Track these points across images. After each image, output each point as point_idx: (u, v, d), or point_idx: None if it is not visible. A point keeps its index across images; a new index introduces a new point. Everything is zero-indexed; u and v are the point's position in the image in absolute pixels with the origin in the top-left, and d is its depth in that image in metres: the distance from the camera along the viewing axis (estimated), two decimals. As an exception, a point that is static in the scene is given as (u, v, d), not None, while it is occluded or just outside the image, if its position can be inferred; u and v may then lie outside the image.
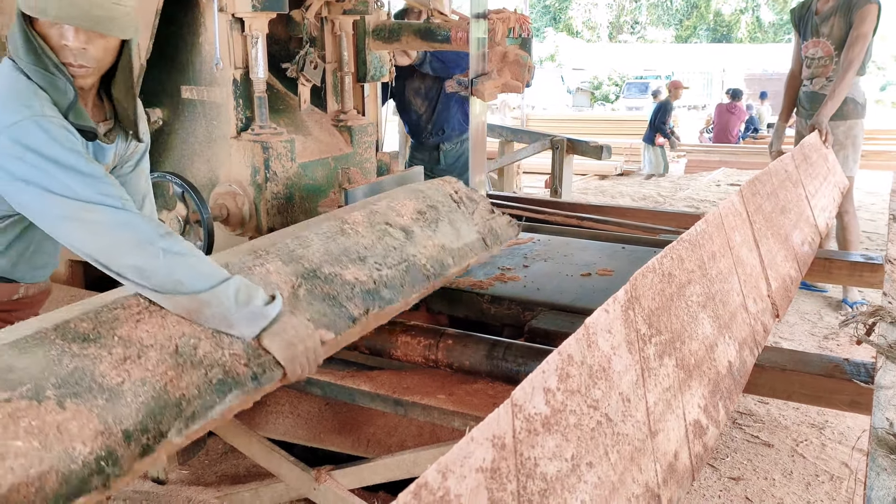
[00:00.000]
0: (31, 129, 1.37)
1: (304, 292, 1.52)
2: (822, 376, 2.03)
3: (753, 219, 2.19)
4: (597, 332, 1.16)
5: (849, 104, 4.01)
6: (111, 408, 1.13)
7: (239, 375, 1.31)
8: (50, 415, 1.06)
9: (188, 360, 1.25)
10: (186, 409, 1.21)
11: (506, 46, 2.74)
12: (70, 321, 1.19)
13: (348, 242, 1.74)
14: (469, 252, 2.04)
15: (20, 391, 1.06)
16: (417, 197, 2.08)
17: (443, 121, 3.95)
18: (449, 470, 0.77)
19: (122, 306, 1.26)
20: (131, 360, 1.19)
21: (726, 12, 31.43)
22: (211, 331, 1.32)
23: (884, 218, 6.40)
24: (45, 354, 1.13)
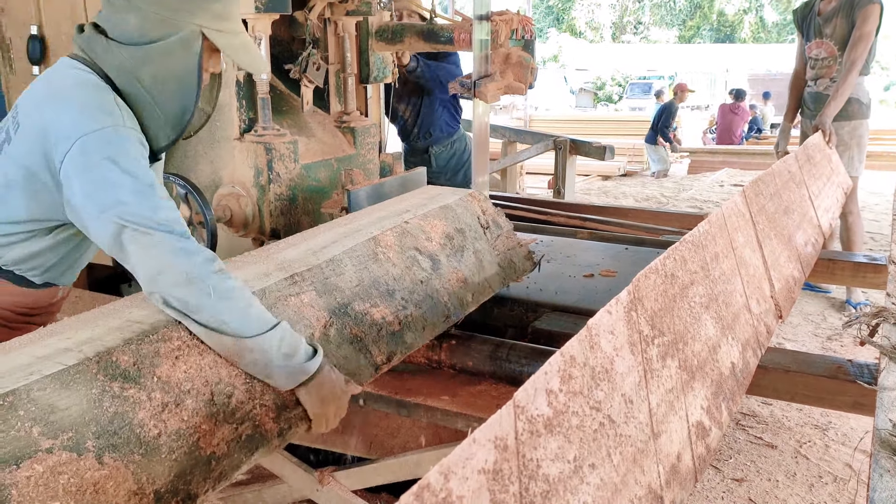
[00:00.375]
0: (111, 138, 1.35)
1: (335, 332, 1.49)
2: (826, 377, 2.03)
3: (756, 219, 2.19)
4: (599, 334, 1.16)
5: (853, 104, 4.00)
6: (146, 464, 1.09)
7: (267, 432, 1.27)
8: (89, 472, 1.03)
9: (221, 411, 1.22)
10: (215, 469, 1.18)
11: (509, 48, 2.73)
12: (112, 352, 1.14)
13: (380, 271, 1.69)
14: (487, 289, 2.00)
15: (62, 439, 1.02)
16: (447, 216, 2.02)
17: (428, 124, 3.95)
18: (451, 471, 0.77)
19: (163, 338, 1.21)
20: (169, 408, 1.15)
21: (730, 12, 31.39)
22: (245, 376, 1.28)
23: (887, 218, 6.39)
24: (86, 393, 1.08)
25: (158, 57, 1.44)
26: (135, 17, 1.43)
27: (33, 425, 1.01)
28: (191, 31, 1.45)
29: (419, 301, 1.73)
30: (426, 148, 3.99)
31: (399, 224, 1.87)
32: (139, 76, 1.44)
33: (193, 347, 1.25)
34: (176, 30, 1.44)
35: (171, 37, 1.43)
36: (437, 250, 1.90)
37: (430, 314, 1.74)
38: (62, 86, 1.42)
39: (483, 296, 1.97)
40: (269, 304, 1.38)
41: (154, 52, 1.43)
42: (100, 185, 1.32)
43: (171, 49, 1.44)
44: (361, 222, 1.92)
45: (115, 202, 1.31)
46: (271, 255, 1.63)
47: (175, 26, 1.44)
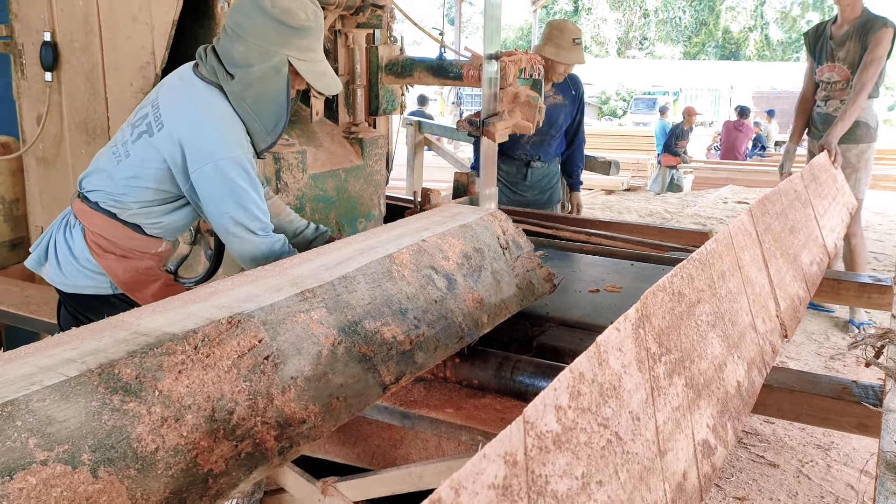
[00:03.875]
0: (238, 163, 1.85)
1: (343, 350, 1.46)
2: (831, 398, 2.03)
3: (763, 238, 2.19)
4: (608, 350, 1.16)
5: (862, 128, 4.02)
6: (141, 480, 1.08)
7: (268, 450, 1.25)
8: (82, 486, 1.02)
9: (222, 427, 1.20)
10: (212, 487, 1.15)
11: (517, 87, 2.76)
12: (115, 364, 1.14)
13: (393, 289, 1.67)
14: (504, 310, 1.98)
15: (57, 452, 1.01)
16: (466, 235, 2.02)
17: (542, 147, 4.03)
18: (462, 486, 0.77)
19: (167, 352, 1.21)
20: (168, 423, 1.14)
21: (735, 30, 31.53)
22: (248, 392, 1.27)
23: (892, 238, 6.39)
24: (86, 405, 1.08)
25: (257, 81, 1.87)
26: (242, 47, 1.85)
27: (30, 436, 1.00)
28: (280, 59, 1.86)
29: (432, 321, 1.70)
30: (528, 161, 4.05)
31: (416, 242, 1.86)
32: (245, 97, 1.87)
33: (197, 362, 1.23)
34: (270, 58, 1.85)
35: (266, 63, 1.85)
36: (454, 270, 1.88)
37: (443, 335, 1.71)
38: (208, 111, 1.87)
39: (499, 317, 1.94)
40: (278, 320, 1.38)
41: (254, 75, 1.86)
42: (223, 195, 1.85)
43: (266, 74, 1.86)
44: (379, 239, 1.91)
45: (229, 209, 1.85)
46: (285, 270, 1.64)
47: (270, 56, 1.85)
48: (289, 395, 1.32)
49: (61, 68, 2.84)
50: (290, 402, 1.31)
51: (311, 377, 1.36)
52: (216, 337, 1.28)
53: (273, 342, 1.34)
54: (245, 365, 1.28)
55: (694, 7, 31.28)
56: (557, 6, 30.45)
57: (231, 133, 1.87)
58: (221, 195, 1.85)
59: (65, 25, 2.79)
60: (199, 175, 1.84)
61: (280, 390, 1.31)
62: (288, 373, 1.33)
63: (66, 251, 1.97)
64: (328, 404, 1.37)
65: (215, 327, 1.29)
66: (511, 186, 4.10)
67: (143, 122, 1.91)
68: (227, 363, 1.26)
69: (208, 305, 1.39)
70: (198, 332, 1.26)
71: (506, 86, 2.73)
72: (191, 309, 1.38)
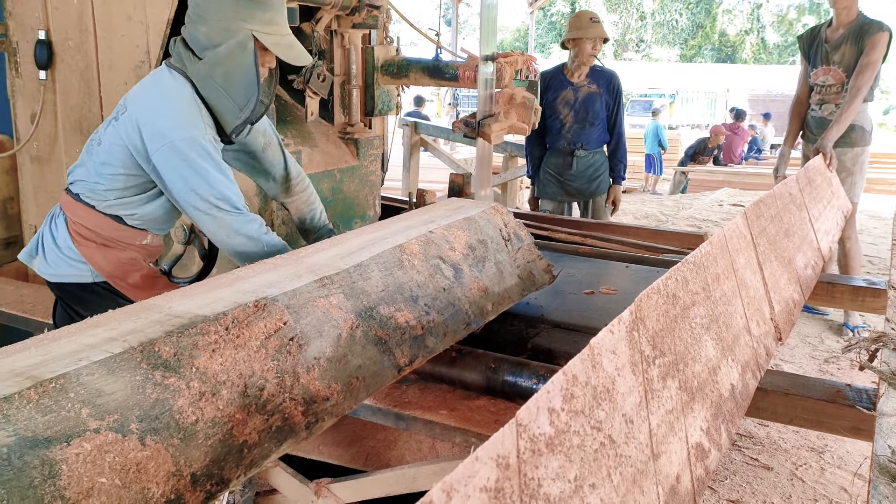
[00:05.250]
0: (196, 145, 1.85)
1: (361, 334, 1.53)
2: (825, 401, 2.03)
3: (757, 241, 2.19)
4: (601, 353, 1.16)
5: (857, 131, 4.03)
6: (184, 448, 1.14)
7: (295, 425, 1.32)
8: (132, 452, 1.08)
9: (254, 402, 1.27)
10: (247, 457, 1.23)
11: (513, 89, 2.77)
12: (154, 343, 1.21)
13: (404, 278, 1.73)
14: (507, 299, 2.03)
15: (108, 421, 1.07)
16: (470, 227, 2.08)
17: (583, 134, 4.21)
18: (454, 489, 0.77)
19: (201, 332, 1.27)
20: (206, 397, 1.20)
21: (731, 33, 31.59)
22: (276, 371, 1.32)
23: (886, 242, 6.41)
24: (130, 379, 1.14)
25: (224, 59, 1.87)
26: (204, 28, 1.86)
27: (82, 407, 1.06)
28: (245, 35, 1.86)
29: (441, 308, 1.77)
30: (572, 151, 4.23)
31: (424, 233, 1.92)
32: (213, 76, 1.88)
33: (229, 342, 1.30)
34: (235, 35, 1.85)
35: (231, 40, 1.86)
36: (460, 260, 1.94)
37: (452, 321, 1.78)
38: (165, 94, 1.89)
39: (503, 306, 2.00)
40: (299, 304, 1.45)
41: (221, 55, 1.87)
42: (186, 175, 1.84)
43: (233, 51, 1.87)
44: (388, 230, 1.97)
45: (194, 186, 1.84)
46: (302, 259, 1.70)
47: (233, 32, 1.85)
48: (313, 374, 1.38)
49: (56, 67, 2.83)
50: (314, 381, 1.38)
51: (332, 358, 1.43)
52: (244, 319, 1.34)
53: (296, 325, 1.40)
54: (272, 345, 1.35)
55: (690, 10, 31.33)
56: (554, 8, 30.47)
57: (187, 115, 1.87)
58: (183, 175, 1.85)
59: (59, 24, 2.78)
60: (159, 157, 1.85)
61: (305, 369, 1.37)
62: (311, 353, 1.40)
63: (51, 241, 2.01)
64: (349, 383, 1.44)
65: (243, 310, 1.35)
66: (558, 177, 4.30)
67: (115, 111, 1.97)
68: (256, 343, 1.33)
69: (234, 290, 1.45)
70: (227, 315, 1.32)
71: (501, 87, 2.73)
72: (218, 293, 1.44)
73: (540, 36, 29.47)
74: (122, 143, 1.89)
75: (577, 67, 4.16)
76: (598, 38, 4.08)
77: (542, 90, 4.19)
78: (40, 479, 0.97)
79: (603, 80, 4.22)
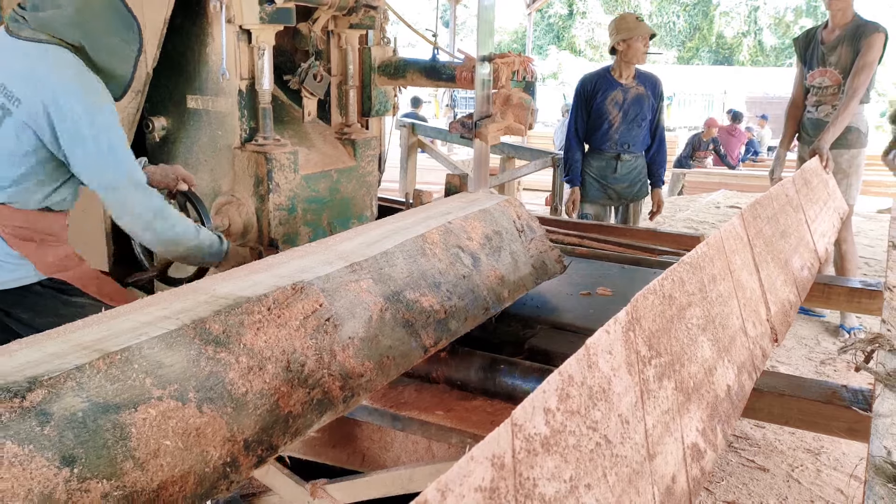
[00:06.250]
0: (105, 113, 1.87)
1: (389, 316, 1.62)
2: (820, 402, 2.03)
3: (754, 242, 2.20)
4: (597, 353, 1.16)
5: (853, 133, 4.03)
6: (237, 417, 1.22)
7: (334, 398, 1.41)
8: (192, 418, 1.16)
9: (296, 377, 1.35)
10: (292, 426, 1.31)
11: (510, 89, 2.78)
12: (205, 321, 1.30)
13: (427, 265, 1.82)
14: (522, 287, 2.12)
15: (169, 390, 1.16)
16: (486, 219, 2.17)
17: (630, 135, 4.24)
18: (448, 489, 0.77)
19: (246, 311, 1.36)
20: (254, 371, 1.29)
21: (728, 35, 31.61)
22: (315, 349, 1.41)
23: (882, 244, 6.42)
24: (186, 353, 1.23)
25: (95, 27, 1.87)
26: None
27: (146, 377, 1.15)
28: None
29: (462, 294, 1.86)
30: (617, 154, 4.26)
31: (443, 224, 2.01)
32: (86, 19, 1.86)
33: (272, 321, 1.38)
34: None
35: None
36: (478, 249, 2.04)
37: (472, 306, 1.87)
38: (58, 69, 1.83)
39: (518, 293, 2.09)
40: (333, 288, 1.54)
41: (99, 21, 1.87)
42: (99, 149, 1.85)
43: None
44: (408, 221, 2.06)
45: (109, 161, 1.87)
46: (331, 247, 1.79)
47: None
48: (348, 353, 1.48)
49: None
50: (349, 358, 1.47)
51: (364, 338, 1.52)
52: (284, 300, 1.43)
53: (331, 307, 1.50)
54: (310, 325, 1.44)
55: (688, 12, 31.36)
56: (553, 10, 30.50)
57: (86, 85, 1.86)
58: (97, 150, 1.85)
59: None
60: (68, 132, 1.83)
61: (341, 348, 1.46)
62: (346, 333, 1.49)
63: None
64: (380, 362, 1.53)
65: (282, 292, 1.43)
66: (601, 180, 4.32)
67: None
68: (296, 323, 1.42)
69: (271, 275, 1.55)
70: (268, 296, 1.41)
71: (498, 88, 2.73)
72: (256, 278, 1.53)
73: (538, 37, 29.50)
74: (29, 133, 1.84)
75: (626, 68, 4.20)
76: (647, 35, 4.15)
77: (590, 92, 4.25)
78: (113, 440, 1.06)
79: (649, 83, 4.28)
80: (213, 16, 2.45)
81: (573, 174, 4.40)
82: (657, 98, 4.30)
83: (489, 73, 2.70)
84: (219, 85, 2.51)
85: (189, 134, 2.63)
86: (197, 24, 2.52)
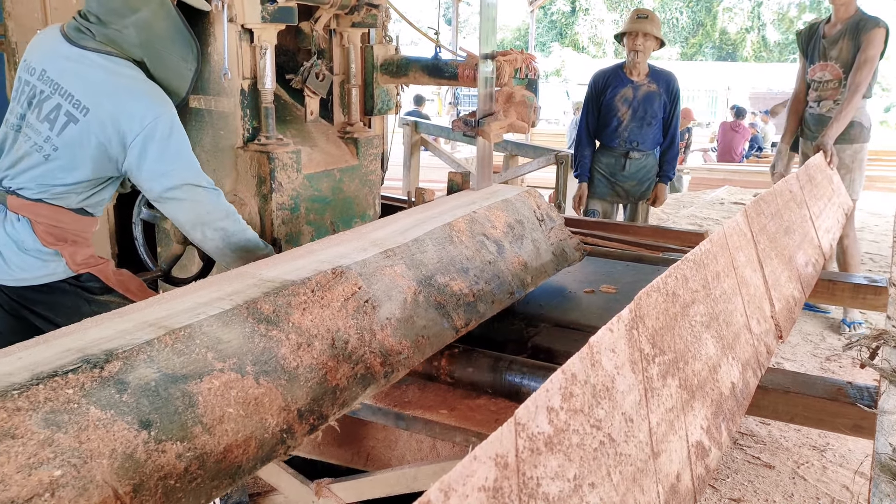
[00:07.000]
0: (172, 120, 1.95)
1: (423, 299, 1.72)
2: (826, 399, 2.02)
3: (758, 239, 2.19)
4: (601, 351, 1.15)
5: (856, 128, 4.02)
6: (290, 388, 1.31)
7: (376, 373, 1.50)
8: (251, 389, 1.25)
9: (341, 353, 1.45)
10: (339, 398, 1.40)
11: (512, 87, 2.77)
12: (256, 301, 1.40)
13: (455, 252, 1.93)
14: (544, 273, 2.22)
15: (229, 363, 1.25)
16: (508, 208, 2.28)
17: (640, 133, 4.23)
18: (451, 489, 0.76)
19: (293, 293, 1.46)
20: (303, 347, 1.39)
21: (732, 31, 31.52)
22: (357, 328, 1.51)
23: (887, 240, 6.40)
24: (241, 331, 1.33)
25: (152, 20, 1.94)
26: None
27: (207, 351, 1.25)
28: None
29: (488, 279, 1.96)
30: (626, 152, 4.26)
31: (468, 213, 2.12)
32: (152, 39, 1.95)
33: (316, 302, 1.48)
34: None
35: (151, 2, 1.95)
36: (501, 237, 2.14)
37: (498, 290, 1.97)
38: (124, 80, 1.93)
39: (540, 279, 2.19)
40: (370, 272, 1.64)
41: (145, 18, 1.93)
42: (166, 156, 1.92)
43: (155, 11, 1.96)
44: (435, 211, 2.17)
45: (175, 167, 1.93)
46: (364, 235, 1.90)
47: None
48: (386, 332, 1.57)
49: (55, 67, 2.82)
50: (388, 337, 1.56)
51: (401, 318, 1.62)
52: (326, 284, 1.53)
53: (369, 289, 1.59)
54: (351, 306, 1.53)
55: (691, 8, 31.28)
56: (555, 6, 30.45)
57: (154, 93, 1.96)
58: (169, 153, 1.92)
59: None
60: (141, 137, 1.89)
61: (379, 327, 1.56)
62: (383, 314, 1.59)
63: (12, 245, 1.98)
64: (416, 341, 1.63)
65: (324, 276, 1.54)
66: (609, 177, 4.32)
67: (60, 113, 1.93)
68: (338, 304, 1.51)
69: (311, 260, 1.65)
70: (311, 280, 1.51)
71: (501, 85, 2.73)
72: (297, 263, 1.63)
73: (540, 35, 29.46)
74: (92, 143, 1.91)
75: (635, 64, 4.18)
76: (640, 31, 4.12)
77: (601, 88, 4.26)
78: (182, 407, 1.15)
79: (662, 81, 4.25)
80: (214, 16, 2.45)
81: (581, 170, 4.38)
82: (670, 96, 4.26)
83: (492, 70, 2.69)
84: (221, 85, 2.50)
85: (191, 134, 2.62)
86: (198, 25, 2.52)
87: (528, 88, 2.88)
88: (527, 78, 2.90)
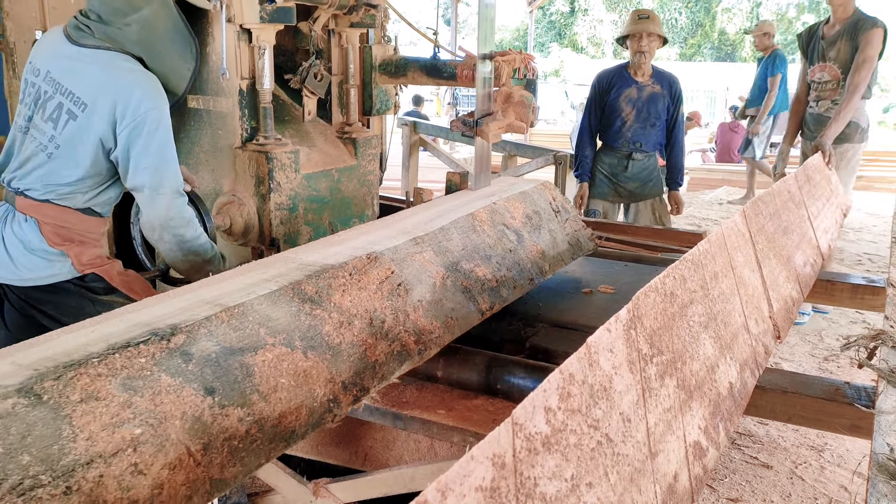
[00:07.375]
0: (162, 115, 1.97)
1: (450, 283, 1.82)
2: (823, 399, 2.02)
3: (756, 239, 2.19)
4: (598, 351, 1.15)
5: (851, 128, 4.02)
6: (334, 362, 1.41)
7: (410, 351, 1.59)
8: (300, 362, 1.35)
9: (378, 332, 1.55)
10: (378, 372, 1.49)
11: (511, 87, 2.77)
12: (300, 283, 1.50)
13: (478, 240, 2.05)
14: (559, 261, 2.33)
15: (279, 339, 1.35)
16: (525, 200, 2.41)
17: (643, 133, 4.21)
18: (449, 489, 0.76)
19: (332, 276, 1.57)
20: (344, 325, 1.49)
21: (731, 32, 31.54)
22: (392, 309, 1.61)
23: (885, 240, 6.40)
24: (288, 309, 1.43)
25: (153, 18, 1.96)
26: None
27: (259, 327, 1.35)
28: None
29: (509, 266, 2.07)
30: (629, 153, 4.24)
31: (489, 204, 2.24)
32: (152, 38, 1.96)
33: (354, 285, 1.59)
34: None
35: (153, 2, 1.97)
36: (520, 227, 2.26)
37: (518, 277, 2.07)
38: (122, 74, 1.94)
39: (557, 267, 2.31)
40: (401, 258, 1.74)
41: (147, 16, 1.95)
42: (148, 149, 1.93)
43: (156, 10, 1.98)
44: (457, 202, 2.30)
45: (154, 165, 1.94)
46: (392, 224, 2.01)
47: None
48: (419, 313, 1.67)
49: (53, 67, 2.82)
50: (420, 318, 1.66)
51: (431, 301, 1.72)
52: (362, 268, 1.63)
53: (401, 274, 1.69)
54: (385, 289, 1.64)
55: (690, 9, 31.28)
56: (554, 7, 30.44)
57: (151, 85, 1.97)
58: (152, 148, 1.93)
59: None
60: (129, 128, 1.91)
61: (412, 309, 1.66)
62: (415, 297, 1.69)
63: (20, 246, 1.99)
64: (446, 322, 1.72)
65: (359, 261, 1.64)
66: (612, 178, 4.31)
67: (62, 112, 1.96)
68: (374, 287, 1.62)
69: (346, 247, 1.75)
70: (348, 264, 1.62)
71: (499, 85, 2.72)
72: (333, 249, 1.73)
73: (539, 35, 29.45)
74: (92, 139, 1.93)
75: (638, 65, 4.18)
76: (644, 32, 4.12)
77: (605, 88, 4.25)
78: (241, 376, 1.25)
79: (665, 82, 4.24)
80: (213, 15, 2.45)
81: (583, 169, 4.37)
82: (673, 98, 4.24)
83: (490, 71, 2.69)
84: (219, 85, 2.50)
85: (190, 134, 2.62)
86: (197, 25, 2.52)
87: (527, 89, 2.88)
88: (525, 78, 2.89)
